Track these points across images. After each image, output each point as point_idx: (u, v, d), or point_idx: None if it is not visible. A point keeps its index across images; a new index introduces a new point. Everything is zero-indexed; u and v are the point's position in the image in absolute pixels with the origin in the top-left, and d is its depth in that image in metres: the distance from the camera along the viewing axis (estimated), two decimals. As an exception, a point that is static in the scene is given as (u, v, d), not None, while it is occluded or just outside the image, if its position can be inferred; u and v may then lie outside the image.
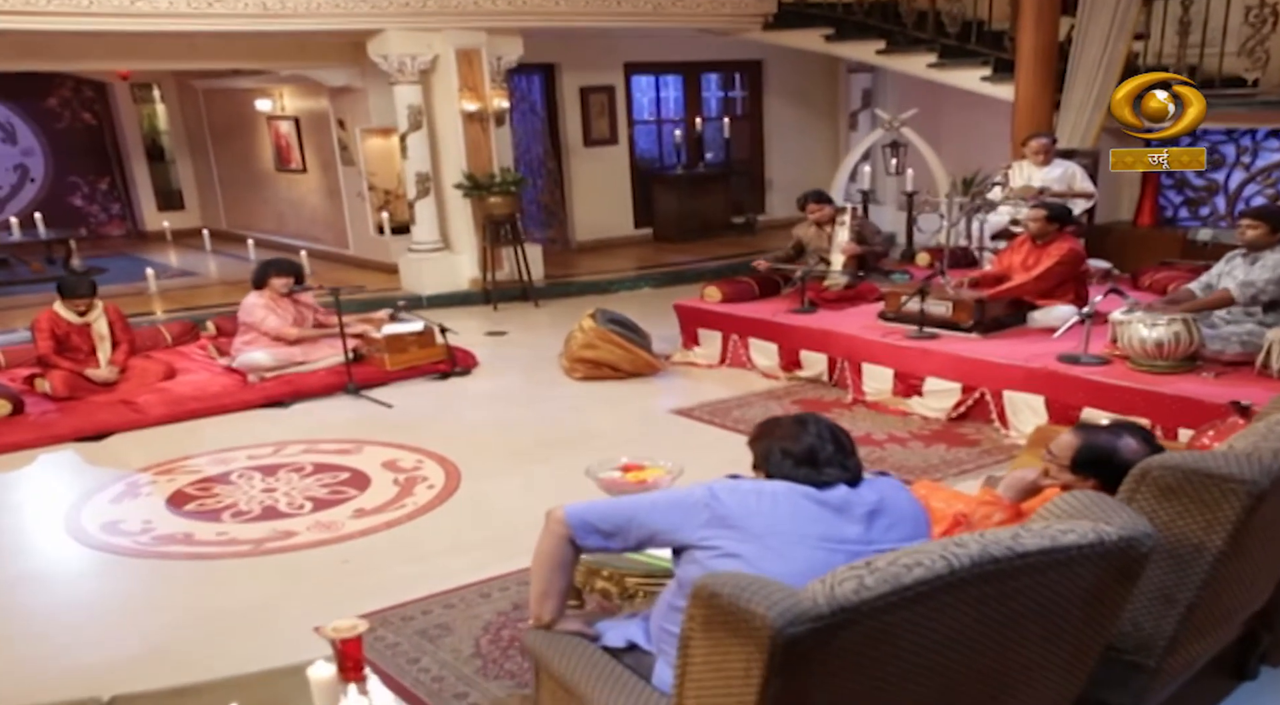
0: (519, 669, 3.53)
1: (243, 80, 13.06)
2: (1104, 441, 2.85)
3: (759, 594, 1.88)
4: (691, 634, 2.04)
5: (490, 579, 4.21)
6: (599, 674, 2.51)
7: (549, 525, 2.65)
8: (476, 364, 7.71)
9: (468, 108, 9.80)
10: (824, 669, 1.92)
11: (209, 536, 4.85)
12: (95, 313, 7.12)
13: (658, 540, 2.58)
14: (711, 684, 2.02)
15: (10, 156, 15.25)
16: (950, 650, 2.04)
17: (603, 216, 12.80)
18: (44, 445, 6.22)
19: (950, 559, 1.95)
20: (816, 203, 7.46)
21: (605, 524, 2.60)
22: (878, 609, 1.88)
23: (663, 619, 2.59)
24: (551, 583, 2.68)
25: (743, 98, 13.83)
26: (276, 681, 2.57)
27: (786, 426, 2.71)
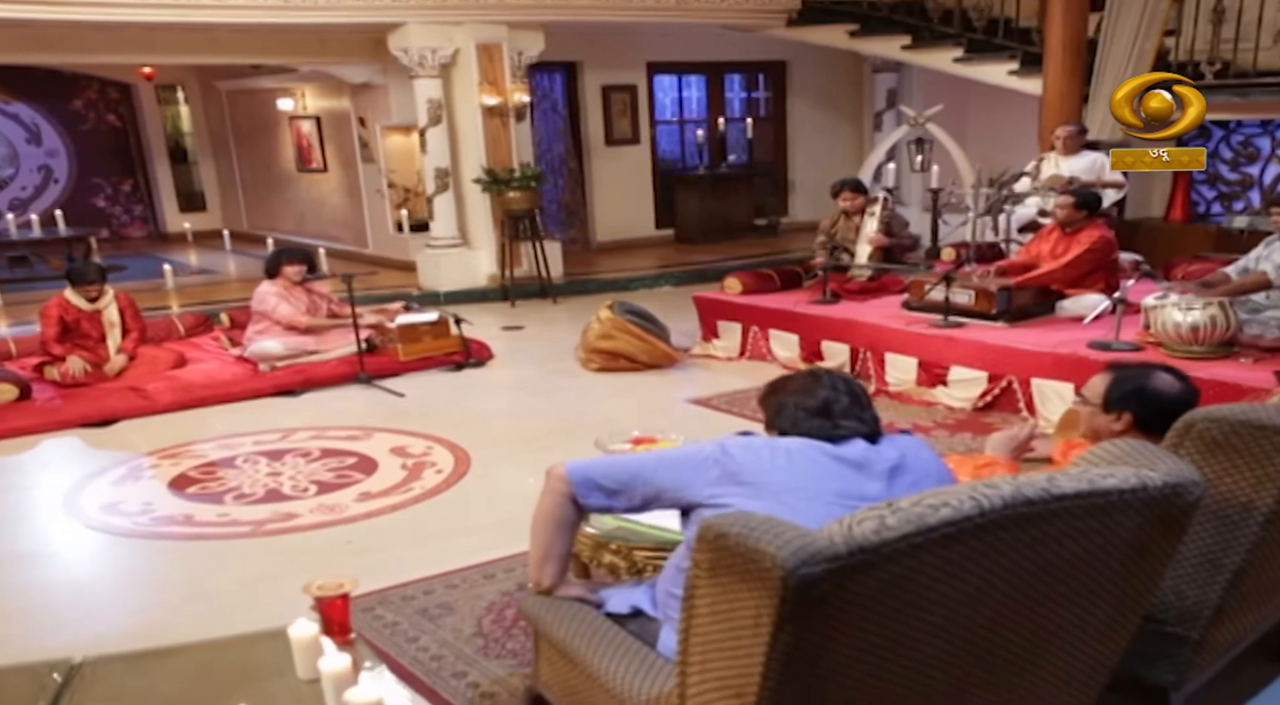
0: (521, 648, 3.37)
1: (265, 80, 13.06)
2: (1136, 373, 2.77)
3: (770, 533, 1.72)
4: (697, 582, 1.87)
5: (496, 560, 4.05)
6: (601, 639, 2.34)
7: (549, 483, 2.50)
8: (491, 356, 7.57)
9: (488, 102, 9.70)
10: (840, 618, 1.74)
11: (209, 518, 4.72)
12: (106, 299, 7.03)
13: (664, 498, 2.41)
14: (718, 637, 1.85)
15: (35, 157, 15.29)
16: (978, 604, 1.86)
17: (624, 217, 12.67)
18: (50, 430, 6.12)
19: (980, 500, 1.77)
20: (853, 191, 7.28)
21: (609, 481, 2.44)
22: (900, 552, 1.71)
23: (670, 583, 2.43)
24: (552, 545, 2.52)
25: (766, 98, 13.68)
26: (257, 645, 2.42)
27: (799, 380, 2.57)
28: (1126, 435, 2.67)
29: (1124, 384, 2.77)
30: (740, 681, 1.82)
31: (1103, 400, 2.75)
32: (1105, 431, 2.73)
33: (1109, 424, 2.74)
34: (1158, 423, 2.59)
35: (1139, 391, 2.74)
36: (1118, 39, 8.50)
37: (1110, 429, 2.73)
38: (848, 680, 1.84)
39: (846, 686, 1.84)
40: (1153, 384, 2.74)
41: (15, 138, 15.15)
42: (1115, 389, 2.76)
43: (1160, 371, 2.79)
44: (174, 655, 2.41)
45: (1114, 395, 2.76)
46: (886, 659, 1.84)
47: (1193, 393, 2.76)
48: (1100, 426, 2.77)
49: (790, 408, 2.49)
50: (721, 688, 1.87)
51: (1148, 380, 2.76)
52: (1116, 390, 2.76)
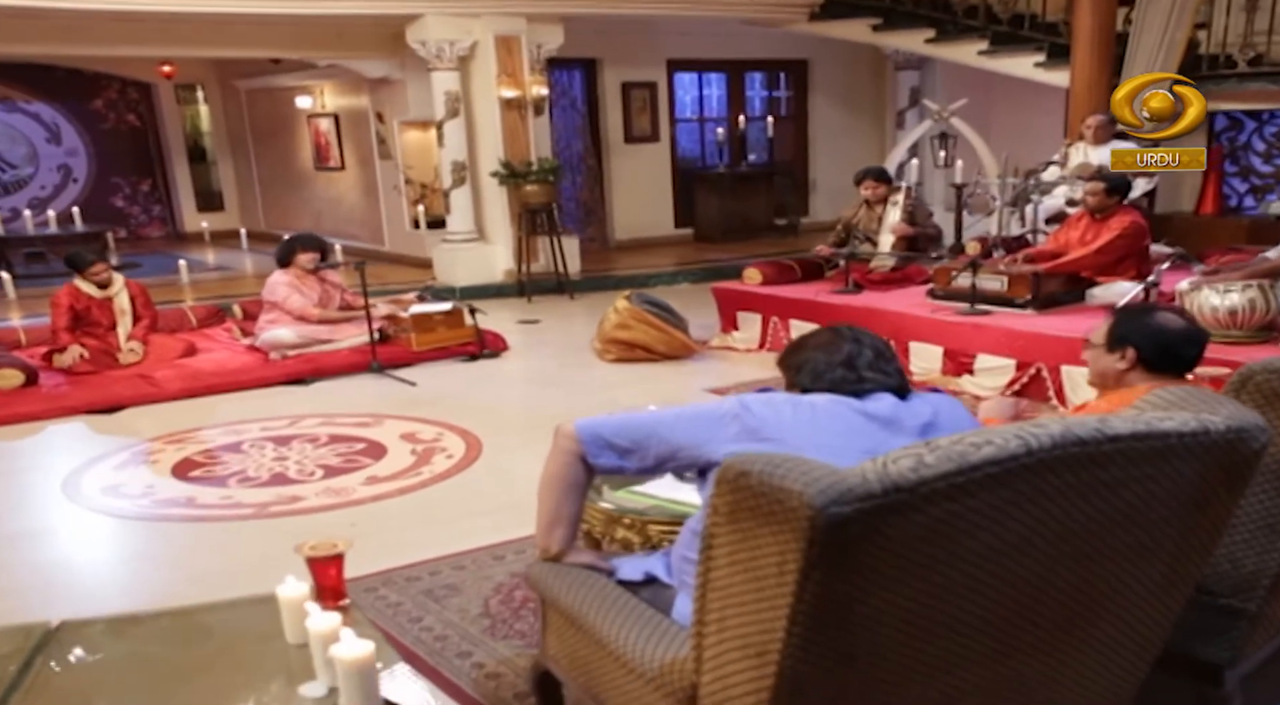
0: (530, 629, 3.22)
1: (284, 78, 13.02)
2: (1139, 311, 2.80)
3: (796, 470, 1.56)
4: (715, 530, 1.71)
5: (506, 542, 3.90)
6: (612, 606, 2.18)
7: (557, 441, 2.35)
8: (506, 347, 7.42)
9: (506, 95, 9.58)
10: (873, 566, 1.58)
11: (212, 500, 4.59)
12: (116, 286, 6.93)
13: (680, 457, 2.26)
14: (739, 590, 1.69)
15: (54, 157, 15.29)
16: (1024, 557, 1.70)
17: (642, 215, 12.53)
18: (55, 416, 6.01)
19: (1028, 438, 1.61)
20: (876, 180, 7.12)
21: (621, 439, 2.28)
22: (939, 493, 1.55)
23: (686, 548, 2.27)
24: (560, 508, 2.37)
25: (787, 97, 13.54)
26: (244, 609, 2.27)
27: (819, 336, 2.43)
28: (1130, 375, 2.65)
29: (1126, 321, 2.73)
30: (762, 639, 1.66)
31: (1106, 338, 2.71)
32: (1110, 372, 2.70)
33: (1113, 363, 2.69)
34: (1162, 362, 2.62)
35: (1141, 327, 2.70)
36: (1147, 30, 8.33)
37: (1115, 368, 2.69)
38: (880, 638, 1.67)
39: (878, 645, 1.68)
40: (1156, 320, 2.70)
41: (35, 137, 15.16)
42: (1118, 326, 2.72)
43: (1165, 311, 2.76)
44: (156, 620, 2.28)
45: (1116, 332, 2.72)
46: (923, 615, 1.68)
47: (1199, 333, 2.73)
48: (1105, 367, 2.73)
49: (811, 363, 2.34)
50: (742, 646, 1.71)
51: (1150, 316, 2.73)
52: (1119, 327, 2.71)
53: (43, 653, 2.10)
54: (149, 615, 2.29)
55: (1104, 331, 2.75)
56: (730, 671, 1.75)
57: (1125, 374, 2.66)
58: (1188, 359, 2.69)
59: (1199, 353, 2.70)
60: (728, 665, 1.75)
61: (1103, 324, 2.79)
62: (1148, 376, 2.63)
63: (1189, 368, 2.71)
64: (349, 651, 1.72)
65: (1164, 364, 2.64)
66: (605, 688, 2.20)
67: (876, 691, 1.76)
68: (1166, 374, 2.63)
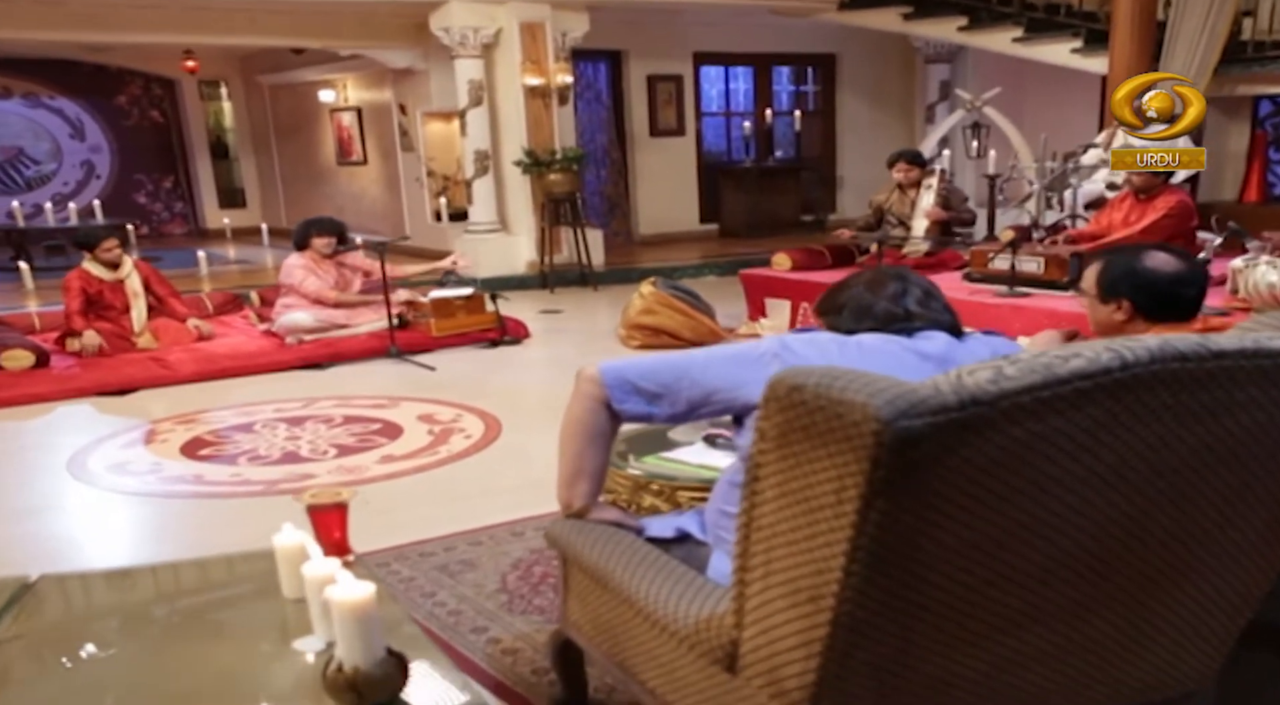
0: (550, 605, 3.01)
1: (307, 72, 12.93)
2: (1126, 256, 2.47)
3: (858, 381, 1.35)
4: (762, 459, 1.50)
5: (525, 519, 3.71)
6: (641, 562, 1.98)
7: (579, 386, 2.15)
8: (528, 335, 7.24)
9: (530, 82, 9.41)
10: (944, 495, 1.37)
11: (221, 478, 4.41)
12: (126, 268, 6.78)
13: (714, 401, 2.05)
14: (789, 526, 1.48)
15: (78, 153, 15.23)
16: (1112, 493, 1.48)
17: (667, 210, 12.33)
18: (65, 398, 5.86)
19: (1122, 351, 1.40)
20: (909, 163, 6.89)
21: (649, 382, 2.08)
22: (1022, 409, 1.34)
23: (723, 502, 2.07)
24: (583, 460, 2.17)
25: (815, 92, 13.33)
26: (238, 564, 2.08)
27: (860, 276, 2.24)
28: (1131, 326, 2.41)
29: (1113, 269, 2.45)
30: (815, 582, 1.45)
31: (1097, 286, 2.45)
32: (1108, 324, 2.45)
33: (1110, 315, 2.45)
34: (1161, 309, 2.39)
35: (1129, 274, 2.42)
36: (1189, 15, 8.09)
37: (1112, 320, 2.44)
38: (947, 583, 1.46)
39: (945, 591, 1.47)
40: (1144, 264, 2.41)
41: (59, 133, 15.10)
42: (1105, 276, 2.44)
43: (1154, 250, 2.48)
44: (141, 574, 2.08)
45: (1105, 283, 2.45)
46: (997, 557, 1.47)
47: (1194, 272, 2.44)
48: (1102, 319, 2.48)
49: (855, 301, 2.14)
50: (791, 593, 1.50)
51: (1138, 261, 2.44)
52: (1107, 277, 2.44)
53: (16, 606, 1.92)
54: (134, 569, 2.10)
55: (1093, 276, 2.49)
56: (777, 623, 1.55)
57: (1125, 325, 2.43)
58: (1187, 300, 2.43)
59: (1199, 293, 2.45)
60: (774, 616, 1.55)
61: (1090, 271, 2.52)
62: (1152, 325, 2.41)
63: (1193, 311, 2.45)
64: (346, 594, 1.53)
65: (1163, 311, 2.40)
66: (633, 653, 2.00)
67: (938, 649, 1.55)
68: (1169, 321, 2.40)
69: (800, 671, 1.52)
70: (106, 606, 1.96)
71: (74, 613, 1.93)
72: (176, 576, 2.07)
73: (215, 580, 2.06)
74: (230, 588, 2.03)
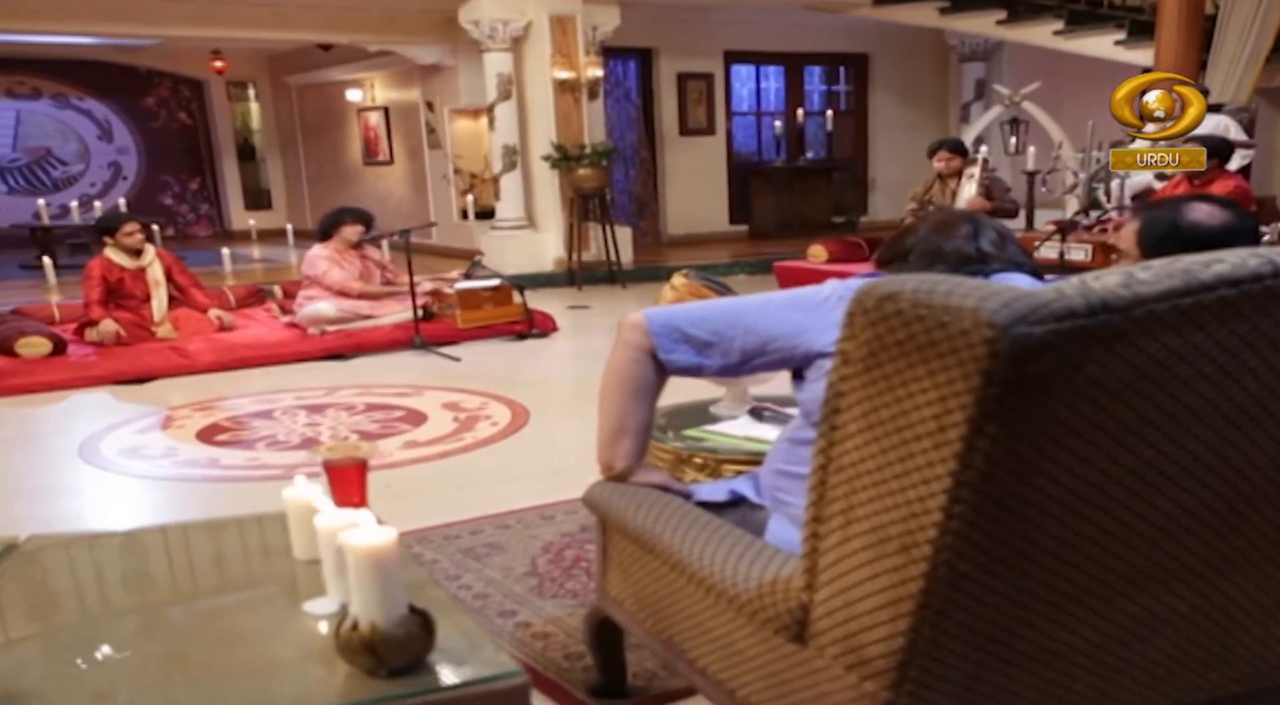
0: (583, 589, 2.81)
1: (334, 72, 12.84)
2: (1164, 212, 2.17)
3: (964, 287, 1.15)
4: (844, 386, 1.29)
5: (555, 503, 3.50)
6: (693, 524, 1.76)
7: (622, 334, 1.95)
8: (556, 328, 7.04)
9: (560, 76, 9.25)
10: (1066, 421, 1.16)
11: (236, 462, 4.23)
12: (149, 256, 6.64)
13: (771, 351, 1.84)
14: (875, 463, 1.27)
15: (105, 154, 15.20)
16: (1257, 429, 1.27)
17: (697, 210, 12.14)
18: (81, 386, 5.69)
19: (1274, 256, 1.19)
20: (950, 152, 6.67)
21: (699, 330, 1.88)
22: (1158, 319, 1.13)
23: (782, 461, 1.86)
24: (626, 415, 1.96)
25: (847, 92, 13.12)
26: (247, 526, 1.89)
27: (929, 221, 2.02)
28: None
29: (1155, 227, 2.15)
30: (907, 529, 1.24)
31: (1138, 250, 2.14)
32: None
33: None
34: None
35: (1174, 231, 2.11)
36: (1240, 6, 7.85)
37: None
38: (1064, 530, 1.25)
39: (1061, 539, 1.25)
40: (1187, 219, 2.12)
41: (87, 134, 15.07)
42: (1147, 236, 2.15)
43: (1195, 201, 2.21)
44: (138, 535, 1.88)
45: (1147, 243, 2.14)
46: (1122, 500, 1.25)
47: (1244, 222, 2.12)
48: None
49: (924, 244, 1.93)
50: (877, 544, 1.29)
51: (1180, 215, 2.15)
52: (1149, 237, 2.14)
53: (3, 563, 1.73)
54: (131, 532, 1.90)
55: (1132, 240, 2.20)
56: (858, 581, 1.33)
57: None
58: None
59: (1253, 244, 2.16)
60: (854, 572, 1.34)
61: (1127, 230, 2.24)
62: None
63: None
64: (364, 539, 1.33)
65: None
66: (682, 626, 1.79)
67: (1048, 612, 1.33)
68: None
69: (886, 636, 1.31)
70: (96, 567, 1.77)
71: (59, 574, 1.74)
72: (176, 538, 1.87)
73: (222, 541, 1.87)
74: (234, 548, 1.83)
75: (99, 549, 1.83)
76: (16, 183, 14.52)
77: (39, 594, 1.67)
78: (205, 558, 1.79)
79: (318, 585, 1.60)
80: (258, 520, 1.87)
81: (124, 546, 1.84)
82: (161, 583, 1.71)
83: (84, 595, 1.66)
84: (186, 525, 1.93)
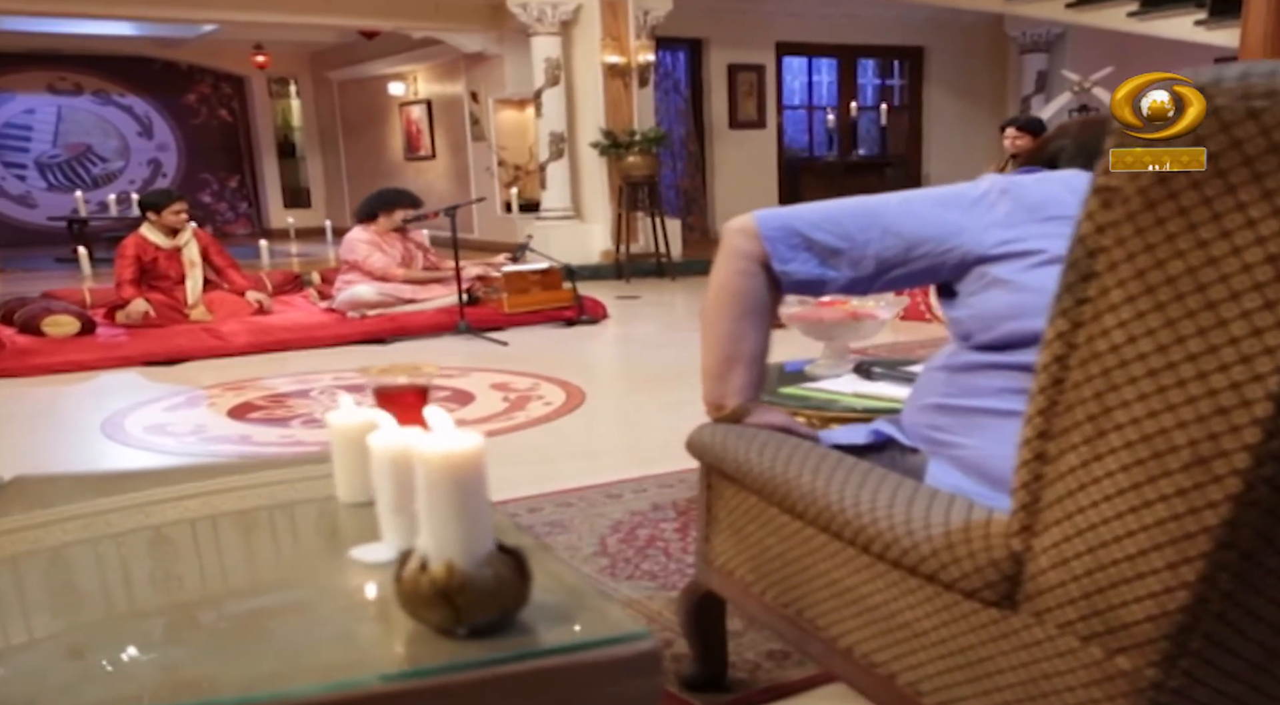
0: (661, 570, 2.45)
1: (377, 65, 12.64)
2: None
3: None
4: (1104, 237, 0.93)
5: (622, 480, 3.14)
6: (837, 467, 1.39)
7: (728, 241, 1.59)
8: (606, 315, 6.69)
9: (610, 60, 8.91)
10: None
11: (270, 439, 3.90)
12: (185, 236, 6.36)
13: (917, 258, 1.48)
14: (1156, 340, 0.90)
15: (145, 151, 15.04)
16: None
17: (746, 205, 11.29)
18: (110, 366, 5.40)
19: None
20: (1020, 129, 6.26)
21: (824, 234, 1.52)
22: None
23: (939, 393, 1.48)
24: (738, 341, 1.60)
25: (901, 86, 12.72)
26: (279, 468, 1.54)
27: (1077, 123, 1.73)
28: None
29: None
30: (1205, 432, 0.87)
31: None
32: None
33: None
34: None
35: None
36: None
37: None
38: None
39: None
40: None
41: (127, 130, 14.92)
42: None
43: None
44: (147, 477, 1.54)
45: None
46: None
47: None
48: None
49: (1077, 144, 1.62)
50: (1151, 459, 0.91)
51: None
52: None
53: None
54: (140, 472, 1.56)
55: None
56: (1112, 513, 0.96)
57: None
58: None
59: None
60: (1106, 503, 0.96)
61: None
62: None
63: None
64: (441, 446, 0.98)
65: None
66: (819, 596, 1.42)
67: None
68: None
69: (1158, 591, 0.93)
70: (94, 512, 1.42)
71: (45, 520, 1.40)
72: (193, 480, 1.52)
73: (247, 483, 1.52)
74: (265, 490, 1.48)
75: (97, 492, 1.48)
76: (56, 180, 14.38)
77: (20, 536, 1.33)
78: (224, 501, 1.44)
79: (367, 531, 1.25)
80: (300, 462, 1.52)
81: (125, 487, 1.49)
82: (161, 525, 1.36)
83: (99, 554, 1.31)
84: (209, 467, 1.59)
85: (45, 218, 13.37)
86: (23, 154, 14.20)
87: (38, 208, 13.97)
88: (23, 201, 14.15)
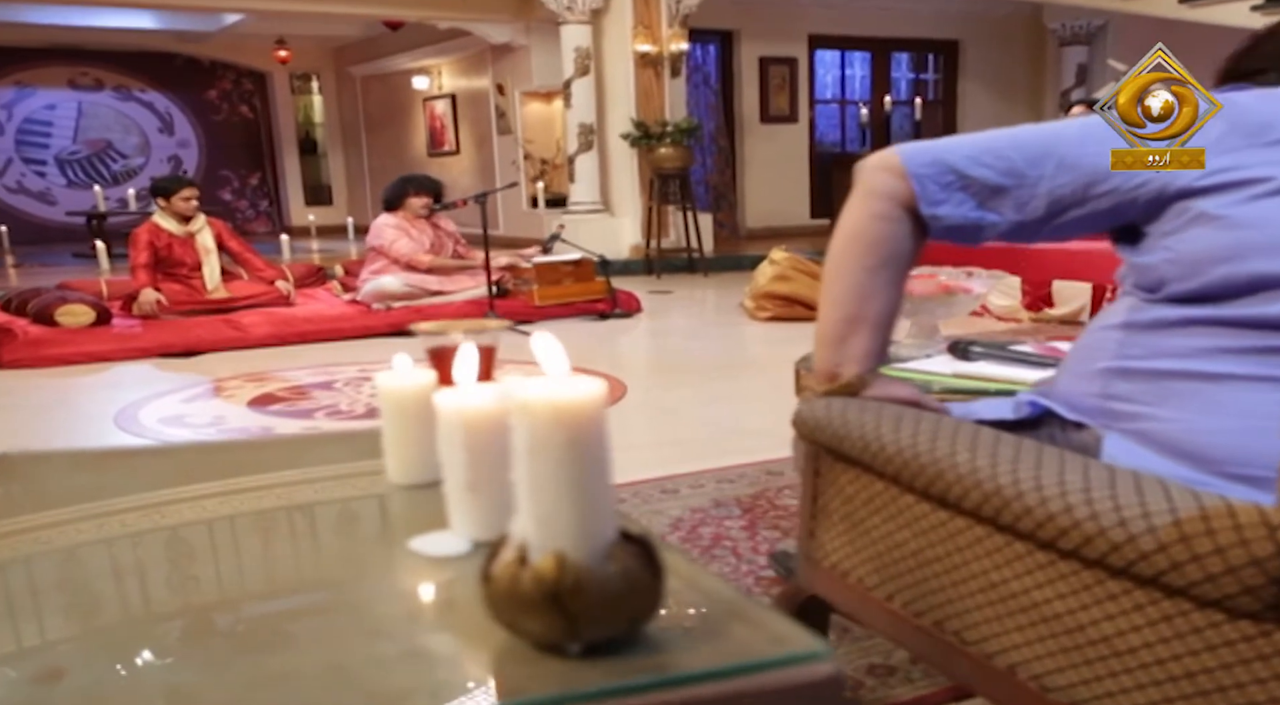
0: (732, 572, 2.19)
1: (400, 60, 12.46)
2: None
3: None
4: None
5: (677, 475, 2.89)
6: (997, 443, 1.12)
7: (864, 180, 1.34)
8: (640, 308, 6.44)
9: (641, 49, 8.66)
10: None
11: (293, 430, 3.66)
12: (199, 223, 6.16)
13: (1099, 194, 1.22)
14: None
15: (166, 147, 14.90)
16: None
17: (776, 202, 11.49)
18: (125, 357, 5.18)
19: None
20: (1089, 107, 5.96)
21: (985, 169, 1.26)
22: None
23: (1111, 357, 1.21)
24: (866, 298, 1.32)
25: (935, 81, 12.43)
26: (320, 445, 1.29)
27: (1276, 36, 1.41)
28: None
29: None
30: None
31: None
32: None
33: None
34: None
35: None
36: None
37: None
38: None
39: None
40: None
41: (148, 127, 14.78)
42: None
43: None
44: (161, 453, 1.28)
45: None
46: None
47: None
48: None
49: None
50: None
51: None
52: None
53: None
54: (138, 450, 1.31)
55: None
56: None
57: None
58: None
59: None
60: None
61: None
62: None
63: None
64: (552, 395, 0.72)
65: None
66: (971, 602, 1.15)
67: None
68: None
69: None
70: (93, 487, 1.17)
71: (42, 494, 1.15)
72: (213, 456, 1.28)
73: (286, 459, 1.27)
74: (305, 470, 1.23)
75: (99, 469, 1.24)
76: (75, 176, 14.24)
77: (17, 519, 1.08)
78: (255, 477, 1.18)
79: (425, 518, 0.99)
80: (344, 439, 1.27)
81: (131, 465, 1.24)
82: (185, 502, 1.11)
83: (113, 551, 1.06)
84: (232, 445, 1.34)
85: (64, 213, 13.21)
86: (43, 150, 14.07)
87: (57, 204, 13.83)
88: (42, 198, 14.02)
